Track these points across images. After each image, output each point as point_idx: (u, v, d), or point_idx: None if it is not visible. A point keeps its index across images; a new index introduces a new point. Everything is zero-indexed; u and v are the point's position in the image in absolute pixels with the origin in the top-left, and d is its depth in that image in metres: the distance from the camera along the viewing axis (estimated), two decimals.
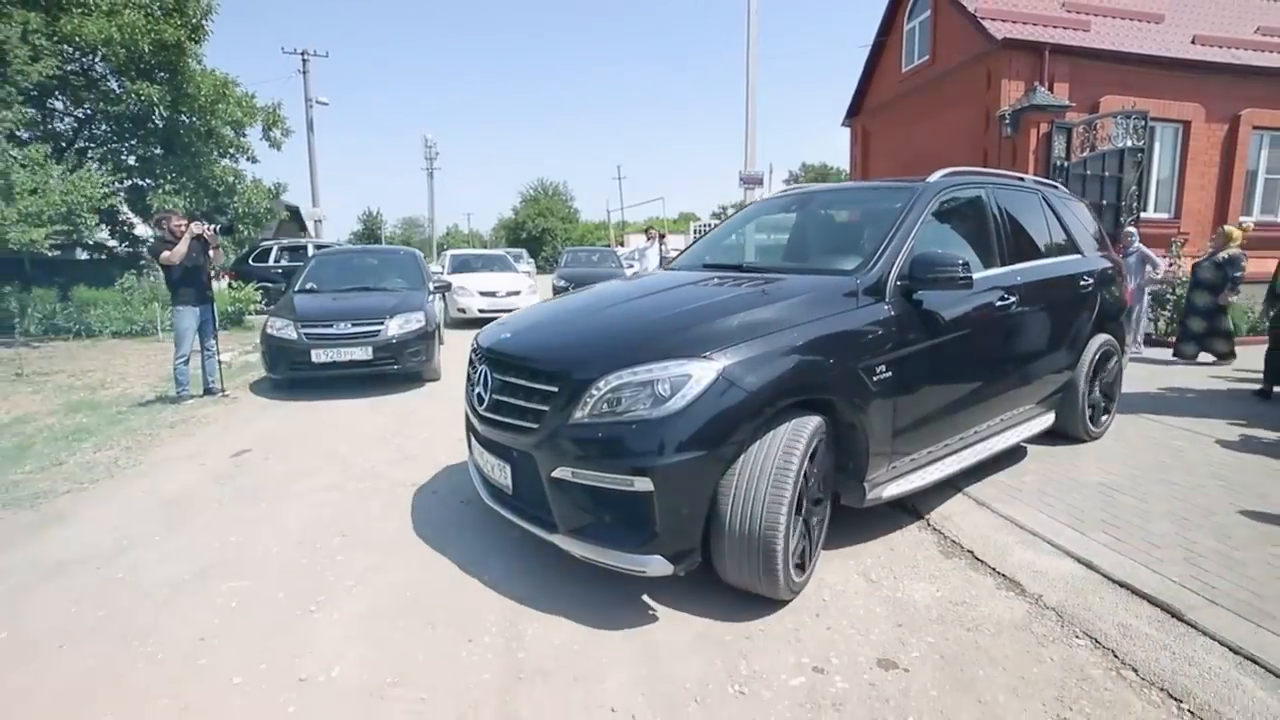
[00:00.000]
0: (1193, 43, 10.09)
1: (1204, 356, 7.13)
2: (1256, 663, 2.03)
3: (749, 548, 2.24)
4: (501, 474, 2.63)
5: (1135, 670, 2.09)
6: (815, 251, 3.74)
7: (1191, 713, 1.90)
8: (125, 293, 11.85)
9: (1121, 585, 2.51)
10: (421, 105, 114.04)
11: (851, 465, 2.69)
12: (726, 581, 2.41)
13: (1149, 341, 7.98)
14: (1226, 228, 6.93)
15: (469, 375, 2.96)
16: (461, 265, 12.98)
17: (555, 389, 2.36)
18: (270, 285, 14.77)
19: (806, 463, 2.33)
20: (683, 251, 4.38)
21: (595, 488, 2.26)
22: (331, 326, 5.83)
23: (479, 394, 2.71)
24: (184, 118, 14.45)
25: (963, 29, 9.28)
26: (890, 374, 2.65)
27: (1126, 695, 1.99)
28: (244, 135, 16.26)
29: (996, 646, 2.23)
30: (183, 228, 5.49)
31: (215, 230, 5.67)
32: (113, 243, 15.51)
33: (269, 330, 5.88)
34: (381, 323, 5.93)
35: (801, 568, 2.46)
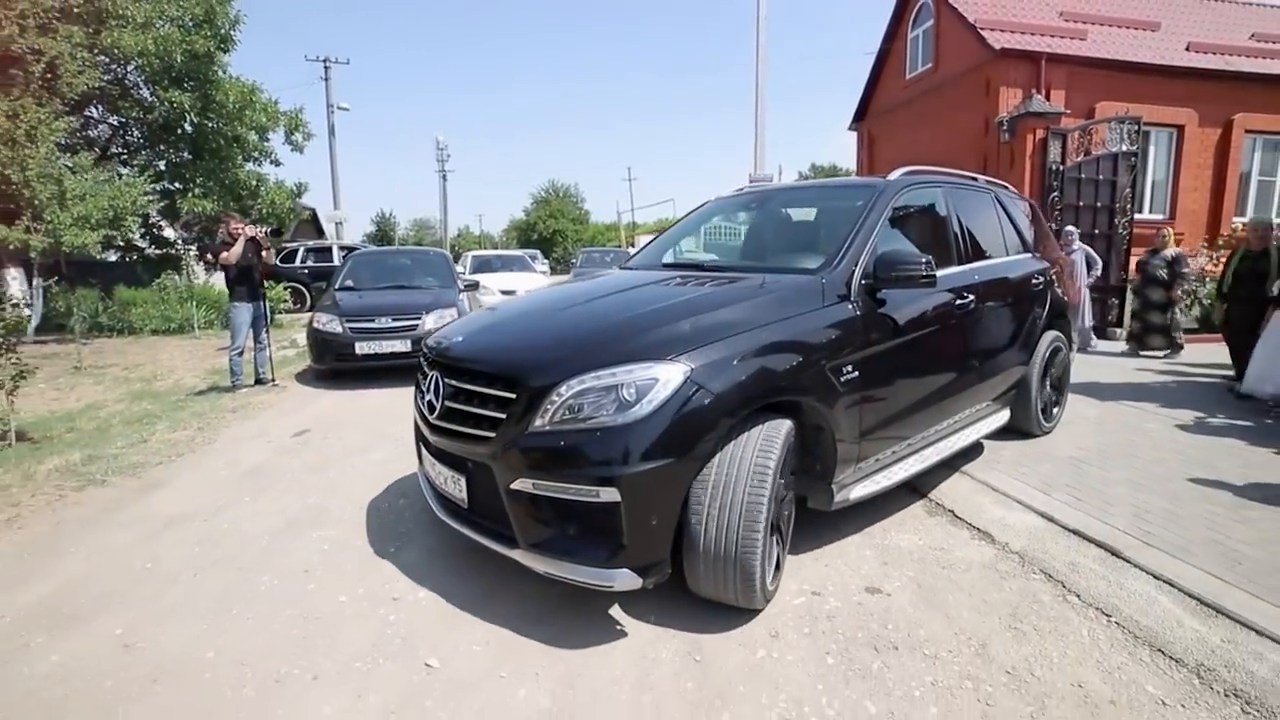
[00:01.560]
0: (1187, 49, 10.46)
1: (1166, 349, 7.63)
2: (1174, 586, 2.48)
3: (725, 565, 2.18)
4: (456, 486, 2.49)
5: (1078, 596, 2.54)
6: (776, 251, 3.66)
7: (1118, 624, 2.35)
8: (162, 292, 12.45)
9: (1075, 533, 2.95)
10: (433, 107, 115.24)
11: (819, 468, 2.66)
12: (697, 594, 2.35)
13: (1100, 335, 8.50)
14: (1165, 231, 7.54)
15: (418, 382, 2.80)
16: (483, 265, 13.52)
17: (513, 395, 2.24)
18: (298, 285, 15.29)
19: (779, 473, 2.28)
20: (640, 250, 4.29)
21: (558, 499, 2.15)
22: (373, 321, 6.35)
23: (430, 401, 2.56)
24: (211, 124, 15.01)
25: (963, 38, 9.70)
26: (857, 374, 2.63)
27: (1067, 613, 2.44)
28: (267, 140, 16.83)
29: (965, 579, 2.68)
30: (239, 230, 6.02)
31: (266, 233, 6.19)
32: (143, 244, 16.14)
33: (316, 325, 6.41)
34: (419, 317, 6.45)
35: (774, 574, 2.43)
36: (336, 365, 6.47)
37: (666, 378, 2.14)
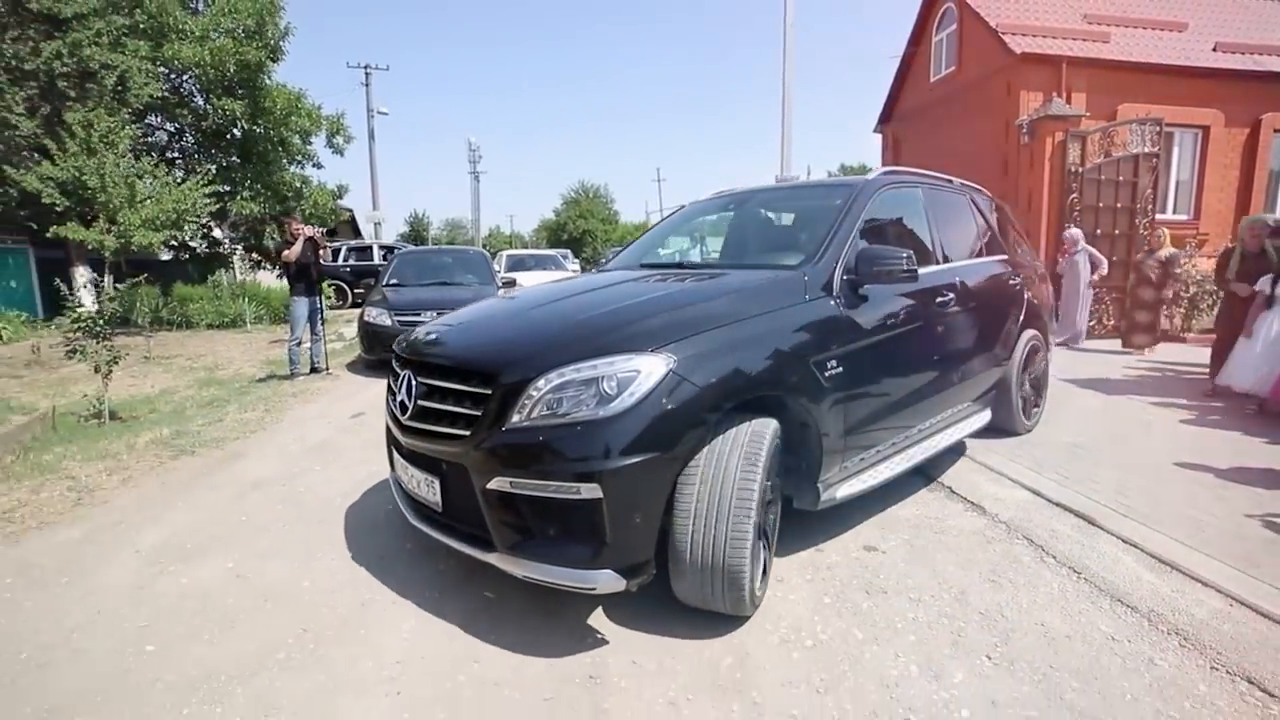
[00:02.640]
0: (1214, 50, 10.47)
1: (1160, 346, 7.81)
2: (1139, 548, 2.79)
3: (711, 572, 2.13)
4: (429, 489, 2.41)
5: (1054, 557, 2.85)
6: (757, 249, 3.64)
7: (1085, 579, 2.66)
8: (215, 289, 13.23)
9: (1058, 506, 3.27)
10: (465, 109, 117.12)
11: (804, 466, 2.63)
12: (683, 601, 2.29)
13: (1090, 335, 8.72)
14: (1161, 231, 7.68)
15: (389, 384, 2.72)
16: (517, 264, 14.06)
17: (488, 391, 2.16)
18: (340, 283, 15.99)
19: (767, 475, 2.23)
20: (616, 253, 4.21)
21: (537, 498, 2.07)
22: (419, 315, 6.84)
23: (401, 402, 2.47)
24: (259, 129, 15.78)
25: (985, 42, 9.88)
26: (841, 369, 2.61)
27: (1042, 570, 2.76)
28: (310, 143, 17.59)
29: (954, 542, 3.02)
30: (299, 231, 6.57)
31: (322, 234, 6.74)
32: (194, 244, 17.04)
33: (366, 319, 6.93)
34: None
35: (762, 579, 2.38)
36: (385, 356, 6.96)
37: (649, 370, 2.08)
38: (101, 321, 5.33)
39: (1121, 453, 4.05)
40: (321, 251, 6.82)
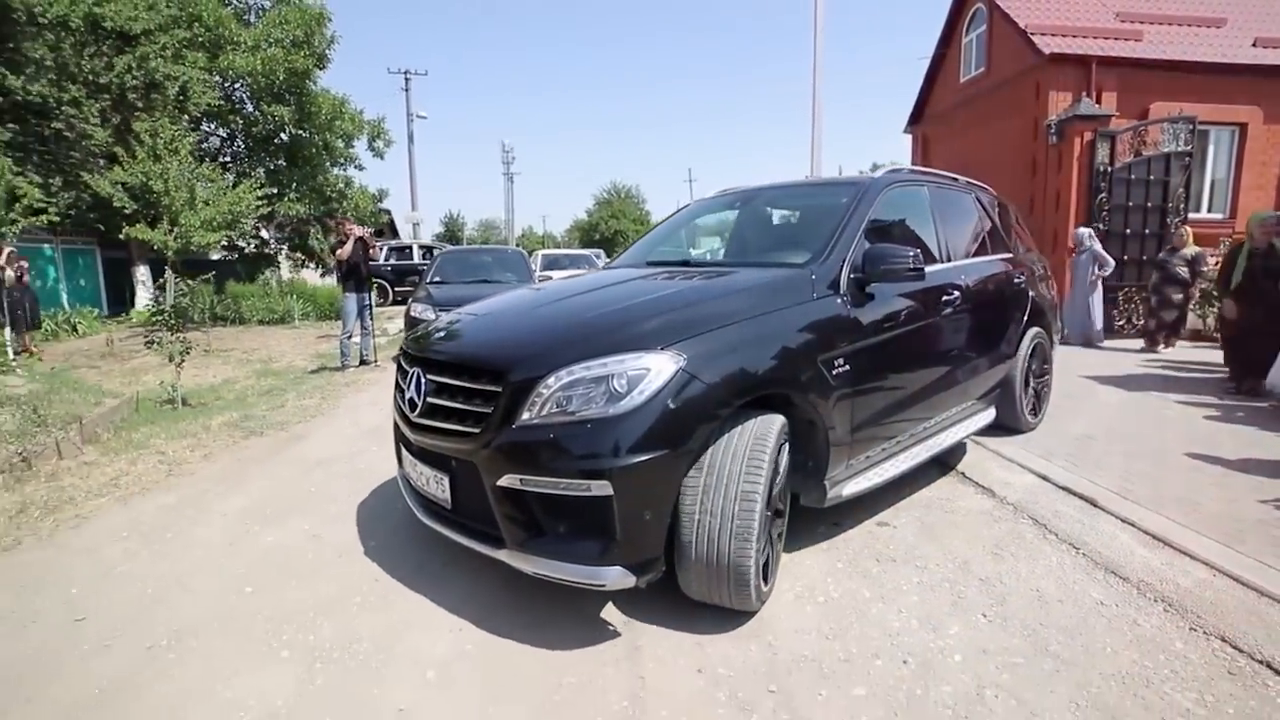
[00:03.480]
0: (1254, 45, 10.33)
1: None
2: (1136, 526, 2.99)
3: (718, 568, 2.16)
4: (439, 487, 2.42)
5: (1056, 535, 3.06)
6: (763, 247, 3.65)
7: (1083, 554, 2.87)
8: (265, 287, 13.92)
9: (1064, 489, 3.46)
10: (498, 110, 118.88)
11: (811, 464, 2.65)
12: (690, 597, 2.32)
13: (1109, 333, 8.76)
14: (1184, 230, 7.70)
15: (397, 382, 2.75)
16: (552, 263, 14.47)
17: (499, 388, 2.18)
18: (381, 282, 16.60)
19: (773, 472, 2.24)
20: (621, 251, 4.25)
21: (547, 495, 2.09)
22: None
23: (410, 399, 2.48)
24: (305, 134, 16.49)
25: (1015, 42, 9.92)
26: (848, 367, 2.63)
27: (1044, 546, 2.97)
28: (352, 147, 18.30)
29: (962, 521, 3.24)
30: (351, 231, 7.02)
31: (372, 234, 7.19)
32: (243, 244, 17.87)
33: (413, 314, 7.36)
34: None
35: (767, 576, 2.39)
36: None
37: (658, 368, 2.10)
38: (176, 316, 5.82)
39: (1132, 444, 4.20)
40: (371, 251, 7.27)
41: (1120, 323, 9.13)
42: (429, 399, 2.41)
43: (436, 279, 8.27)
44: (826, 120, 13.36)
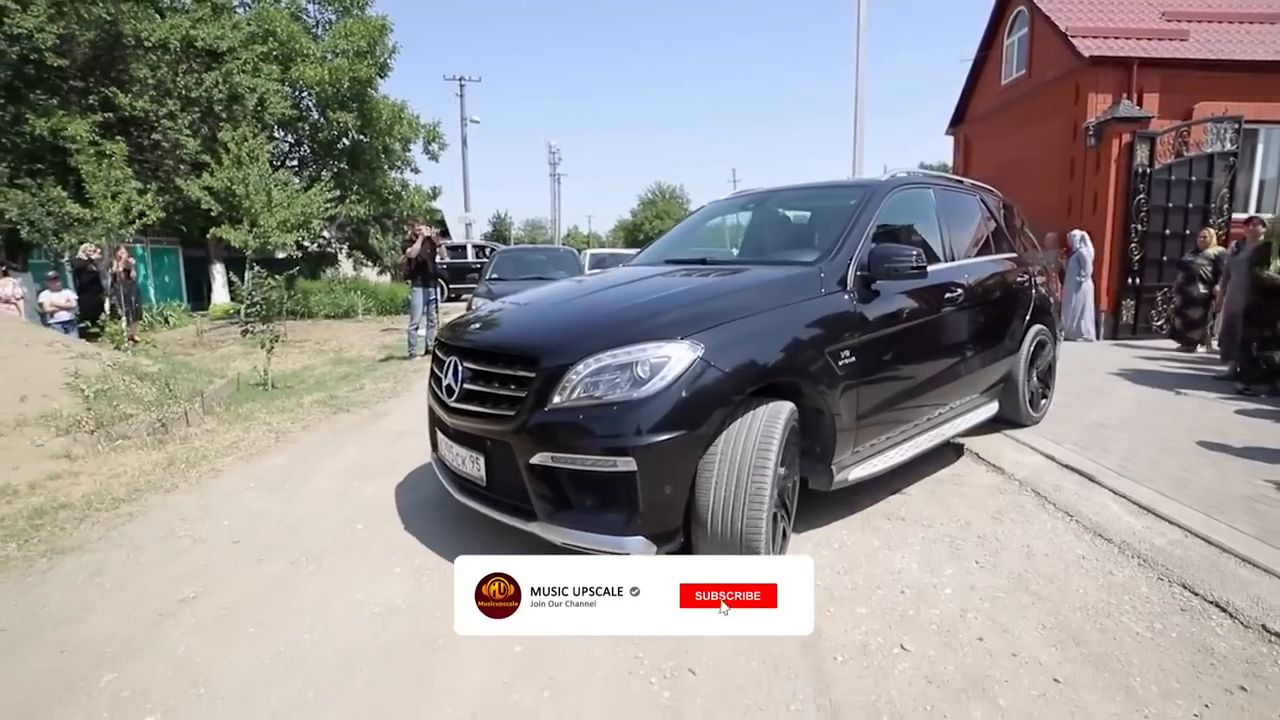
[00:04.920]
0: None
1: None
2: (1125, 498, 3.34)
3: (731, 542, 2.31)
4: (474, 466, 2.62)
5: (1054, 504, 3.42)
6: (775, 247, 3.82)
7: (1075, 520, 3.23)
8: (330, 284, 14.92)
9: (1067, 468, 3.81)
10: (545, 112, 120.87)
11: (818, 449, 2.82)
12: None
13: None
14: (1207, 231, 7.90)
15: (433, 370, 2.96)
16: (600, 262, 15.05)
17: (532, 375, 2.36)
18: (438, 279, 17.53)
19: (781, 454, 2.39)
20: (640, 250, 4.49)
21: (576, 471, 2.28)
22: None
23: (448, 385, 2.67)
24: (366, 138, 17.46)
25: (1055, 45, 10.01)
26: (854, 359, 2.78)
27: (1040, 513, 3.34)
28: (409, 150, 19.23)
29: (970, 493, 3.63)
30: (420, 231, 7.71)
31: (438, 234, 7.86)
32: (307, 244, 18.96)
33: (474, 308, 8.00)
34: None
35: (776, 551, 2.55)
36: None
37: (678, 356, 2.28)
38: (267, 308, 6.57)
39: (1141, 431, 4.49)
40: (438, 249, 7.94)
41: (1158, 323, 9.19)
42: (466, 385, 2.60)
43: (495, 275, 8.90)
44: (874, 121, 13.57)
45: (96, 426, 4.20)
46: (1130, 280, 9.21)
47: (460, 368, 2.63)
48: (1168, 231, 8.93)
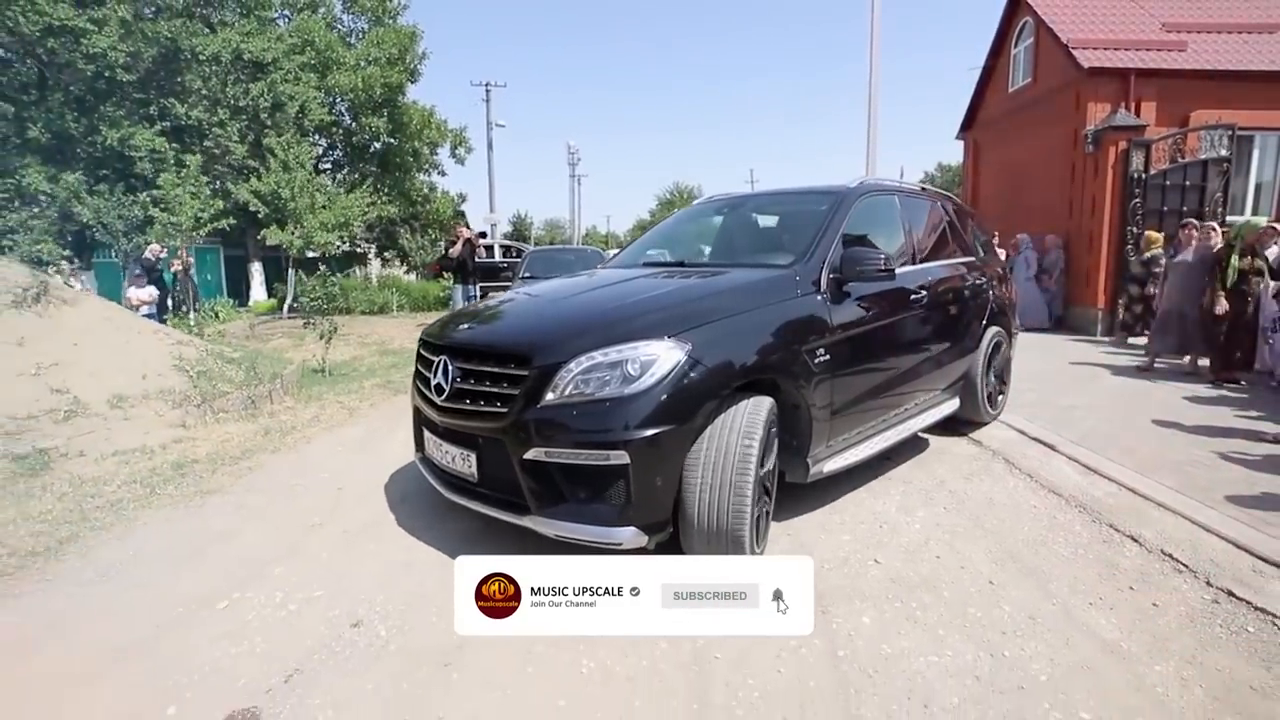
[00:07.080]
0: None
1: None
2: (1077, 461, 3.94)
3: (717, 532, 2.41)
4: (465, 463, 2.66)
5: (1019, 469, 4.02)
6: (750, 250, 3.92)
7: (1034, 480, 3.83)
8: (366, 281, 15.75)
9: (1034, 439, 4.41)
10: (563, 112, 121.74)
11: (795, 443, 2.94)
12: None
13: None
14: (1149, 233, 8.65)
15: (419, 370, 3.01)
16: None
17: (525, 373, 2.42)
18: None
19: (764, 446, 2.51)
20: (618, 253, 4.60)
21: (570, 465, 2.35)
22: None
23: (438, 385, 2.71)
24: (396, 142, 18.26)
25: (1058, 56, 10.49)
26: (828, 357, 2.93)
27: (1006, 475, 3.95)
28: (436, 154, 20.01)
29: (949, 459, 4.23)
30: (461, 233, 8.43)
31: (478, 235, 8.58)
32: (339, 243, 19.77)
33: None
34: None
35: (759, 539, 2.66)
36: None
37: (666, 354, 2.39)
38: (327, 301, 7.32)
39: (1107, 413, 5.07)
40: (477, 250, 8.65)
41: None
42: (457, 384, 2.65)
43: (527, 274, 9.59)
44: (890, 124, 14.03)
45: (202, 401, 4.94)
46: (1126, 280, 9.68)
47: (450, 367, 2.70)
48: (1162, 234, 9.39)
